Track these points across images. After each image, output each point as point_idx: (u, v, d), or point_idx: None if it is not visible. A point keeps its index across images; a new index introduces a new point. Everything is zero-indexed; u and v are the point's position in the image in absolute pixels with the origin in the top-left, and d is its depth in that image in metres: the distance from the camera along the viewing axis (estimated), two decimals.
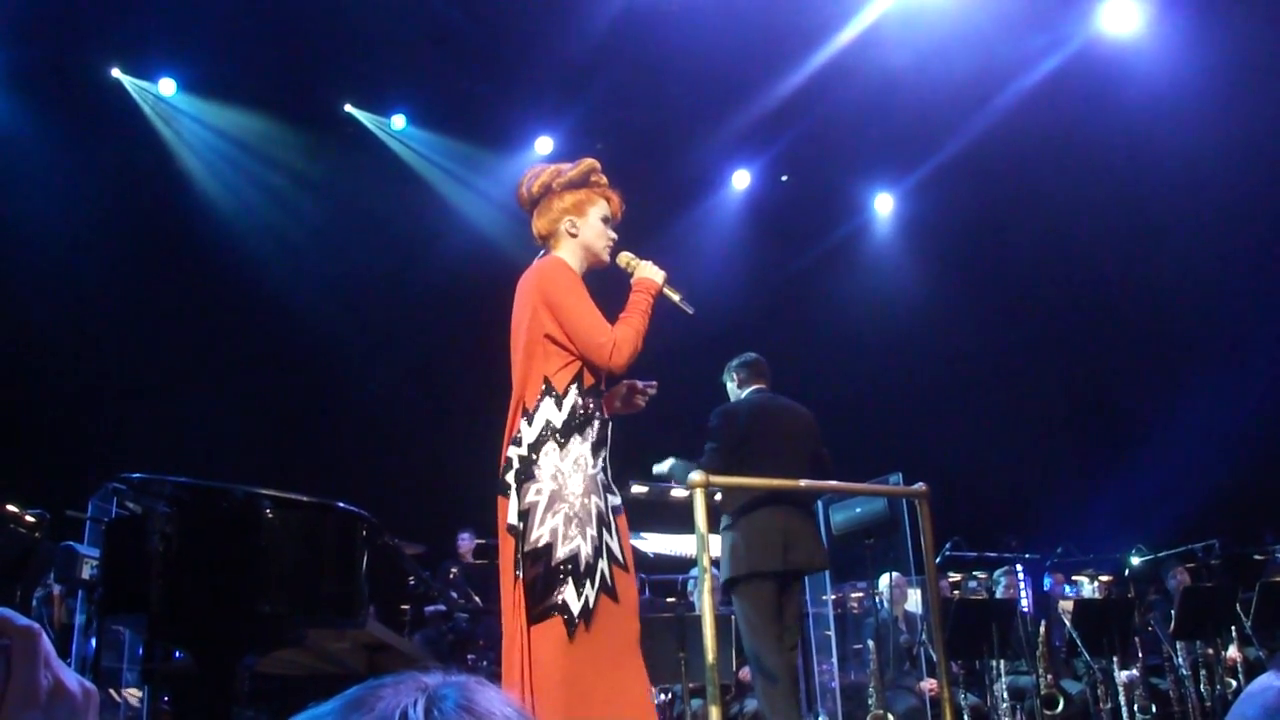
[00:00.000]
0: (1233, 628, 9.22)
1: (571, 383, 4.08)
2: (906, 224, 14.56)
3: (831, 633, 8.69)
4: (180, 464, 4.80)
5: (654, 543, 8.20)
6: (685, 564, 7.98)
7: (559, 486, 3.94)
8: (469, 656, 9.07)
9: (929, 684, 8.60)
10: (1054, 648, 9.54)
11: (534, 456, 3.99)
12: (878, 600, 9.06)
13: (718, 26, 10.80)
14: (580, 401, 4.08)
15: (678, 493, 6.42)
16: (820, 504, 7.77)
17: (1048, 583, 10.77)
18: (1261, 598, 9.43)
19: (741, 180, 14.12)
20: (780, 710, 6.32)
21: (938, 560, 8.39)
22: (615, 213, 4.49)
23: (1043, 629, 9.29)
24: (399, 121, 12.77)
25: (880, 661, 8.45)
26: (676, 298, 4.46)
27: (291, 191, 12.31)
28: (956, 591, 10.17)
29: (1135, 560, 11.33)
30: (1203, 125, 11.44)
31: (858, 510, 7.71)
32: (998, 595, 9.81)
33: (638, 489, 6.81)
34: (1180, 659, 9.31)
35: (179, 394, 11.09)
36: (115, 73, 11.60)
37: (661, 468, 6.54)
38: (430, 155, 12.96)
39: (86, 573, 5.95)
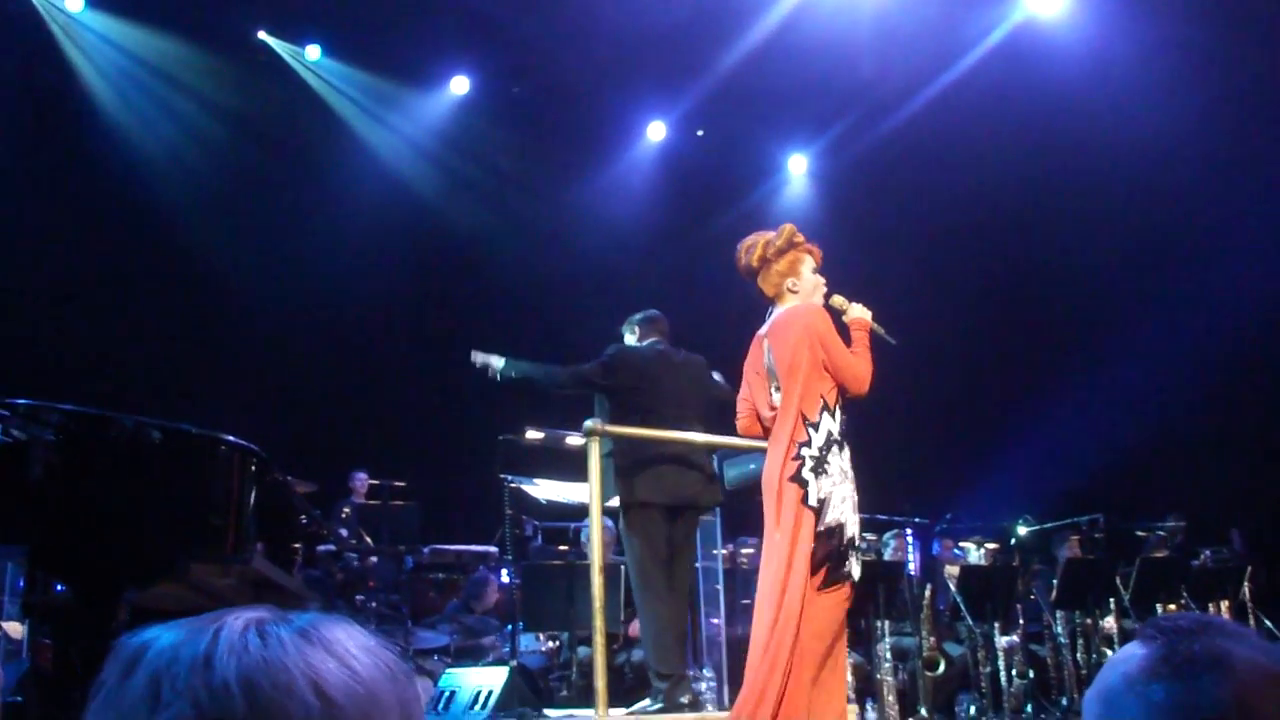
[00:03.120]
0: (1111, 600, 9.42)
1: (836, 402, 5.17)
2: (818, 186, 14.59)
3: (721, 587, 8.72)
4: (66, 390, 4.69)
5: (546, 489, 8.18)
6: (578, 511, 7.97)
7: (844, 480, 5.09)
8: (358, 596, 9.00)
9: None
10: (938, 611, 9.68)
11: (825, 456, 5.06)
12: None
13: None
14: (843, 416, 5.20)
15: (573, 440, 6.41)
16: (715, 458, 7.80)
17: (936, 547, 10.90)
18: (1141, 572, 9.67)
19: (657, 132, 13.99)
20: (666, 658, 6.34)
21: None
22: (819, 262, 5.53)
23: (928, 592, 9.41)
24: (313, 52, 12.51)
25: None
26: (881, 331, 5.55)
27: (199, 117, 12.02)
28: None
29: (1022, 530, 11.49)
30: (1120, 106, 11.59)
31: (751, 467, 7.72)
32: (886, 557, 9.91)
33: (533, 434, 6.81)
34: (1059, 627, 9.49)
35: (66, 317, 10.84)
36: None
37: (516, 367, 6.59)
38: (344, 89, 12.73)
39: None
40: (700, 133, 13.97)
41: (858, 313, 5.53)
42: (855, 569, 5.04)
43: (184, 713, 0.92)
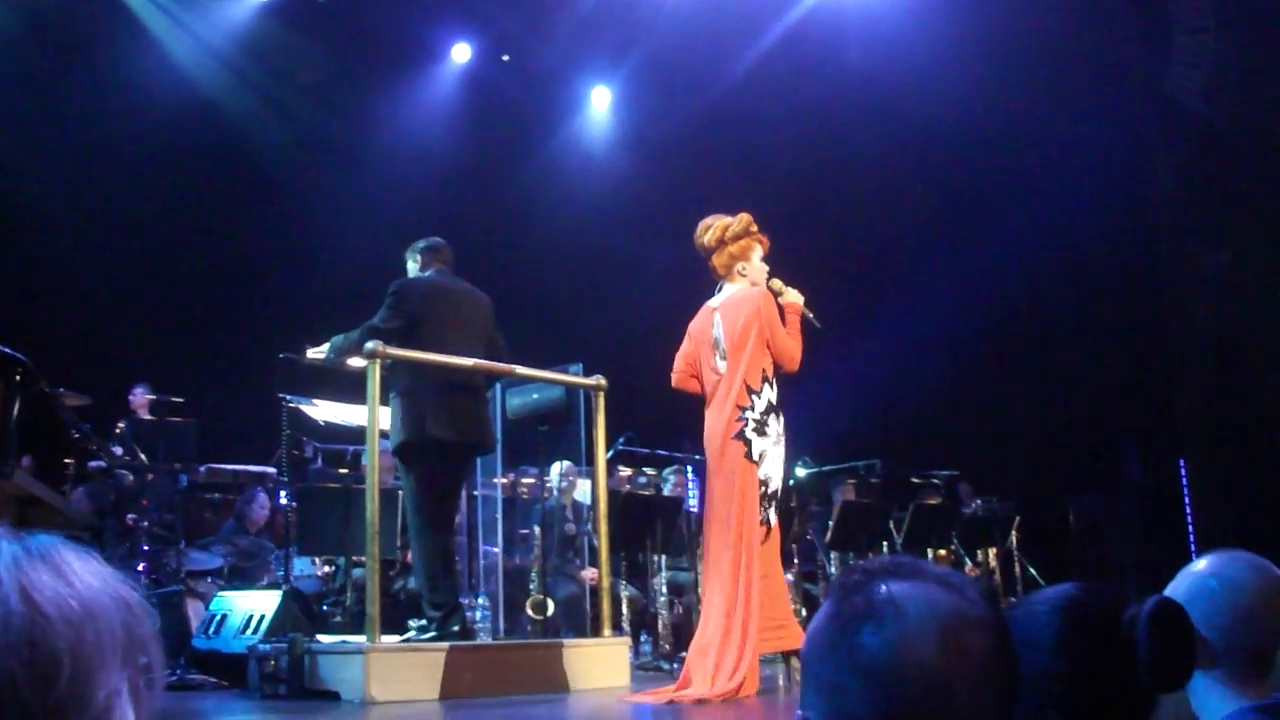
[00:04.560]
0: (884, 543, 9.72)
1: (774, 374, 6.12)
2: (621, 122, 14.58)
3: (499, 516, 8.74)
4: None
5: (325, 410, 8.06)
6: (356, 434, 7.86)
7: (779, 442, 6.10)
8: (129, 516, 8.75)
9: (590, 573, 8.78)
10: None
11: (765, 420, 6.03)
12: (548, 487, 9.17)
13: None
14: (778, 387, 6.14)
15: (354, 361, 6.33)
16: (499, 387, 7.79)
17: None
18: (914, 517, 10.01)
19: (462, 54, 13.71)
20: (440, 588, 6.37)
21: (609, 454, 8.53)
22: (767, 250, 6.39)
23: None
24: None
25: (545, 548, 8.58)
26: (810, 315, 6.33)
27: None
28: (628, 486, 10.37)
29: (800, 472, 11.73)
30: (907, 68, 11.85)
31: (534, 396, 7.76)
32: (665, 492, 10.02)
33: (313, 354, 6.70)
34: (833, 568, 9.75)
35: None
36: None
37: (323, 348, 6.53)
38: None
39: None
40: (506, 58, 13.78)
41: (792, 297, 6.32)
42: (771, 517, 6.08)
43: None
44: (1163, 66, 13.70)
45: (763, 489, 5.99)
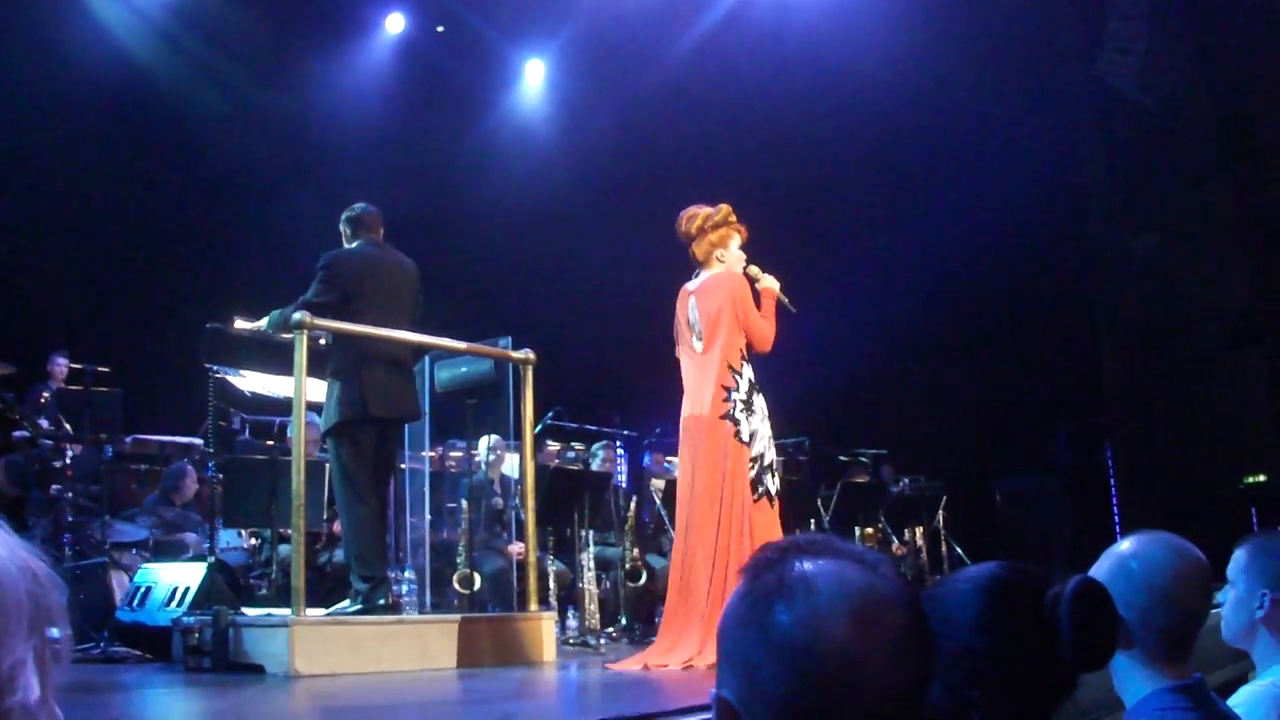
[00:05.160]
0: (812, 520, 9.77)
1: (750, 354, 6.41)
2: (555, 96, 14.52)
3: (426, 489, 8.71)
4: None
5: (252, 381, 8.01)
6: (283, 406, 7.82)
7: (764, 419, 6.40)
8: (54, 487, 8.61)
9: (517, 547, 8.79)
10: (643, 523, 9.89)
11: (751, 399, 6.33)
12: (475, 461, 9.16)
13: None
14: (752, 366, 6.41)
15: (289, 336, 6.29)
16: (427, 360, 7.77)
17: (646, 460, 11.07)
18: (841, 496, 10.09)
19: (395, 24, 13.60)
20: (368, 561, 6.35)
21: (538, 428, 8.53)
22: (744, 239, 6.67)
23: (633, 504, 9.59)
24: None
25: (472, 522, 8.56)
26: (785, 300, 6.61)
27: None
28: (556, 460, 10.37)
29: None
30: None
31: (463, 370, 7.73)
32: (594, 467, 10.03)
33: (241, 324, 6.66)
34: None
35: None
36: None
37: (260, 323, 6.49)
38: None
39: None
40: (440, 29, 13.68)
41: (768, 283, 6.60)
42: (773, 486, 6.34)
43: None
44: (1096, 52, 13.86)
45: (757, 464, 6.28)
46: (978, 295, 13.98)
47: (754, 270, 6.63)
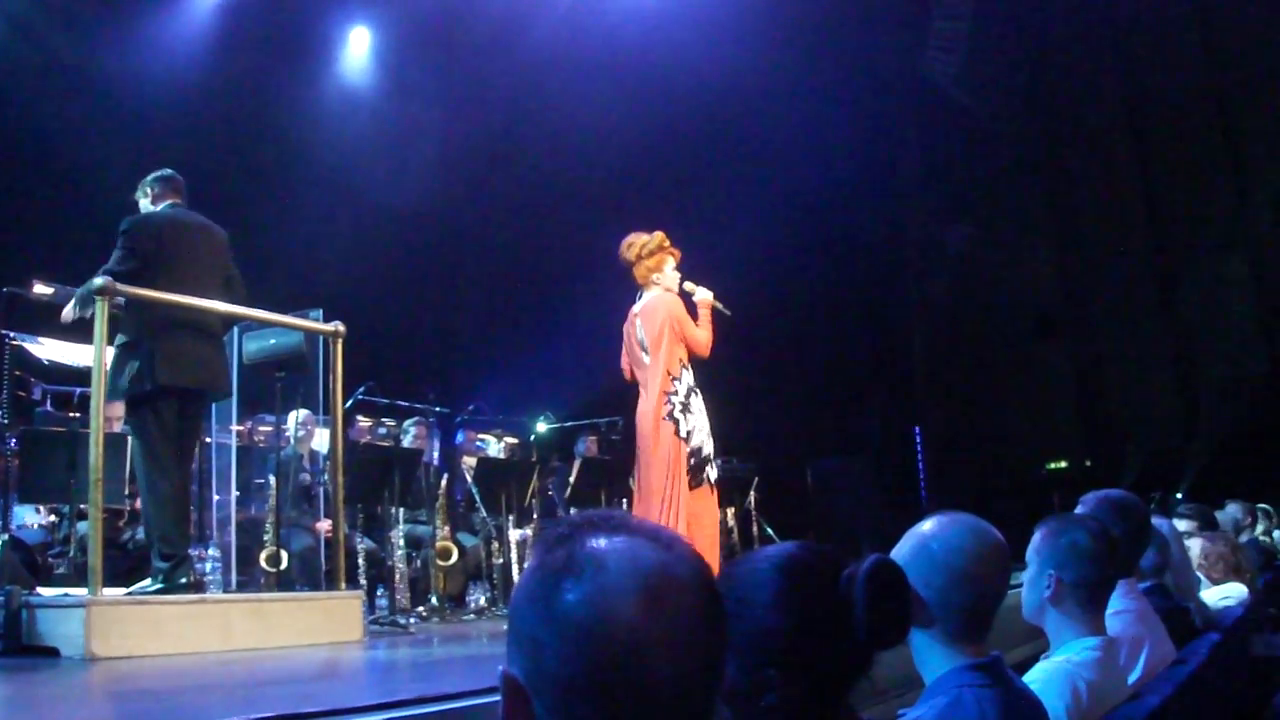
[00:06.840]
0: (624, 500, 9.82)
1: (689, 361, 7.10)
2: (377, 64, 14.30)
3: (233, 464, 8.52)
4: None
5: (51, 349, 7.73)
6: (85, 375, 7.55)
7: (702, 416, 7.04)
8: None
9: (325, 524, 8.65)
10: (454, 501, 9.84)
11: (688, 401, 6.99)
12: (285, 436, 9.00)
13: None
14: (692, 370, 7.11)
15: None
16: (235, 331, 7.58)
17: (459, 437, 11.01)
18: None
19: None
20: (170, 539, 6.19)
21: (348, 403, 8.40)
22: (678, 261, 7.30)
23: (445, 482, 9.53)
24: None
25: (280, 498, 8.41)
26: (720, 306, 7.26)
27: None
28: (367, 437, 10.24)
29: (542, 427, 11.80)
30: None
31: (272, 342, 7.59)
32: (405, 444, 9.94)
33: (41, 289, 6.43)
34: None
35: None
36: None
37: (70, 307, 6.26)
38: None
39: None
40: None
41: (703, 295, 7.28)
42: (712, 474, 7.02)
43: None
44: (920, 49, 14.19)
45: (695, 458, 6.93)
46: (793, 281, 14.20)
47: (690, 286, 7.29)
